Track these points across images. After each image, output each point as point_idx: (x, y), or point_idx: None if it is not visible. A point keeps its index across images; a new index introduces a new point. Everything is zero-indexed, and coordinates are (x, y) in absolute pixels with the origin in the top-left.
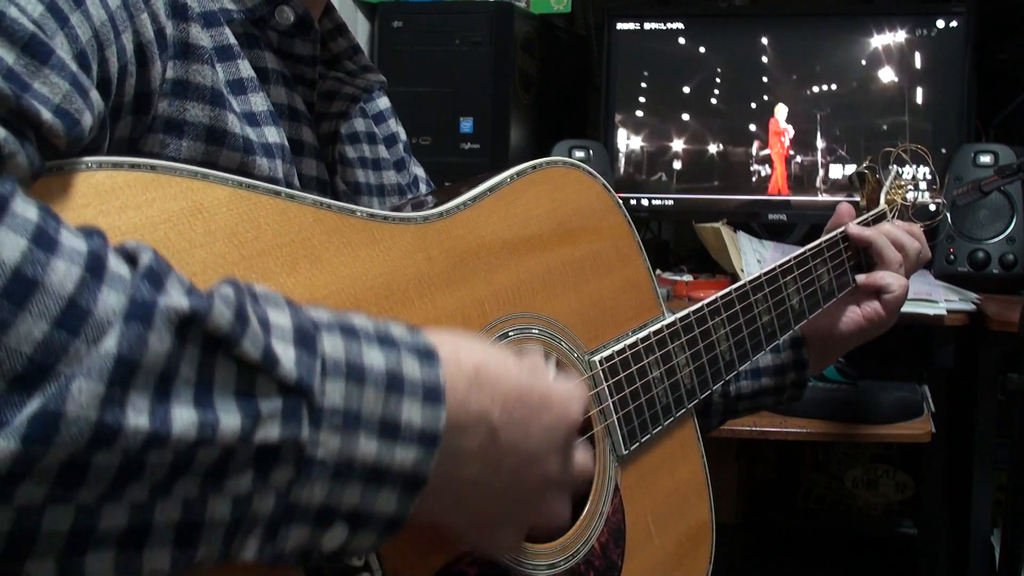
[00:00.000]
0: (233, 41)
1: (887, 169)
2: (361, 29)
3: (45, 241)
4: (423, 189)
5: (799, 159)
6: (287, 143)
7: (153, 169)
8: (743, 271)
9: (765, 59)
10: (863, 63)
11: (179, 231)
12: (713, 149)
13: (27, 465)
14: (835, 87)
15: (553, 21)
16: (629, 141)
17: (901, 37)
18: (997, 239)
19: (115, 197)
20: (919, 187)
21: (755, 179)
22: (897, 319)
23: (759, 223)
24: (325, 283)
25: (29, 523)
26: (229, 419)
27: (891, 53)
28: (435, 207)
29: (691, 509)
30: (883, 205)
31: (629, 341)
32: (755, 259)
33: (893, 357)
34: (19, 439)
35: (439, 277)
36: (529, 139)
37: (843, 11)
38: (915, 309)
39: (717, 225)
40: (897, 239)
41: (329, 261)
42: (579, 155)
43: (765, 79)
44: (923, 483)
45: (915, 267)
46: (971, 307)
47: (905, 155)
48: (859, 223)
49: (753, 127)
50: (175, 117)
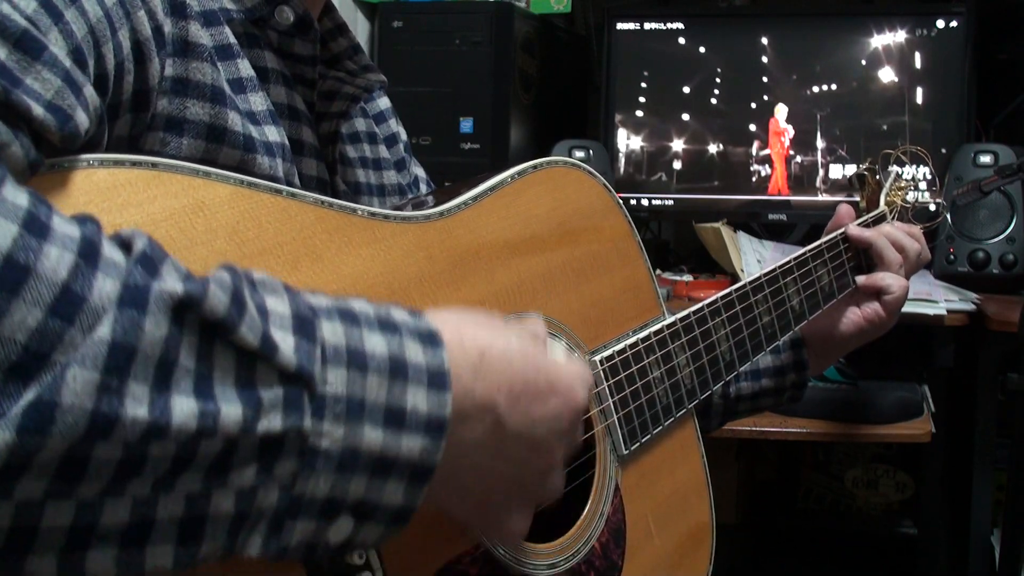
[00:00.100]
0: (233, 41)
1: (887, 171)
2: (361, 29)
3: (37, 227)
4: (423, 189)
5: (799, 159)
6: (287, 142)
7: (154, 167)
8: (743, 271)
9: (765, 59)
10: (863, 63)
11: (180, 228)
12: (713, 149)
13: (25, 457)
14: (835, 87)
15: (553, 21)
16: (629, 141)
17: (901, 37)
18: (997, 239)
19: (116, 194)
20: (919, 188)
21: (755, 179)
22: (897, 320)
23: (759, 223)
24: (326, 281)
25: (29, 519)
26: (230, 409)
27: (891, 53)
28: (436, 206)
29: (691, 509)
30: (883, 207)
31: (629, 341)
32: (755, 259)
33: (893, 357)
34: (15, 430)
35: (440, 276)
36: (529, 139)
37: (843, 11)
38: (915, 309)
39: (717, 225)
40: (897, 240)
41: (330, 260)
42: (579, 155)
43: (765, 79)
44: (923, 483)
45: (915, 268)
46: (971, 307)
47: (905, 156)
48: (859, 224)
49: (753, 127)
50: (175, 115)
